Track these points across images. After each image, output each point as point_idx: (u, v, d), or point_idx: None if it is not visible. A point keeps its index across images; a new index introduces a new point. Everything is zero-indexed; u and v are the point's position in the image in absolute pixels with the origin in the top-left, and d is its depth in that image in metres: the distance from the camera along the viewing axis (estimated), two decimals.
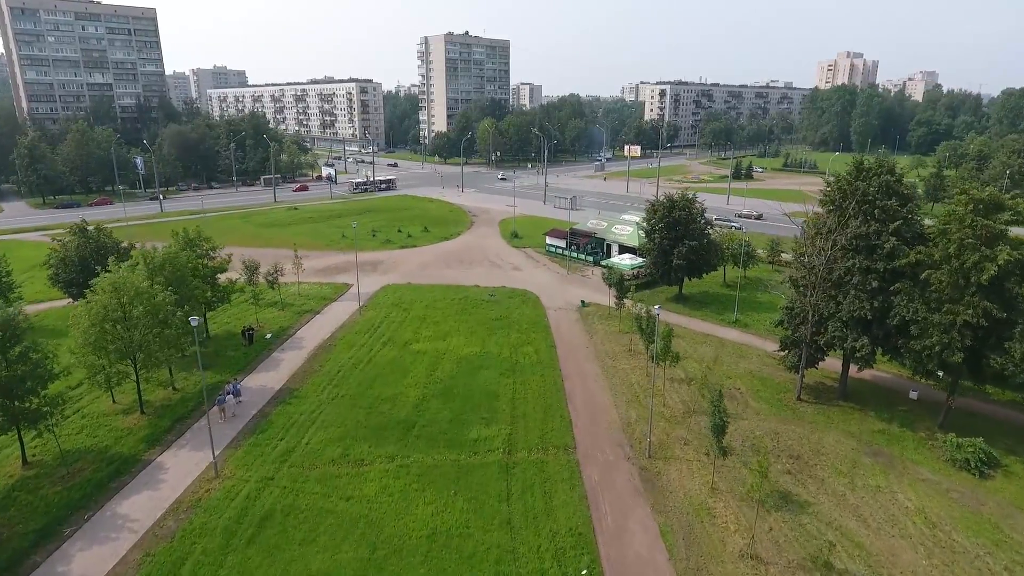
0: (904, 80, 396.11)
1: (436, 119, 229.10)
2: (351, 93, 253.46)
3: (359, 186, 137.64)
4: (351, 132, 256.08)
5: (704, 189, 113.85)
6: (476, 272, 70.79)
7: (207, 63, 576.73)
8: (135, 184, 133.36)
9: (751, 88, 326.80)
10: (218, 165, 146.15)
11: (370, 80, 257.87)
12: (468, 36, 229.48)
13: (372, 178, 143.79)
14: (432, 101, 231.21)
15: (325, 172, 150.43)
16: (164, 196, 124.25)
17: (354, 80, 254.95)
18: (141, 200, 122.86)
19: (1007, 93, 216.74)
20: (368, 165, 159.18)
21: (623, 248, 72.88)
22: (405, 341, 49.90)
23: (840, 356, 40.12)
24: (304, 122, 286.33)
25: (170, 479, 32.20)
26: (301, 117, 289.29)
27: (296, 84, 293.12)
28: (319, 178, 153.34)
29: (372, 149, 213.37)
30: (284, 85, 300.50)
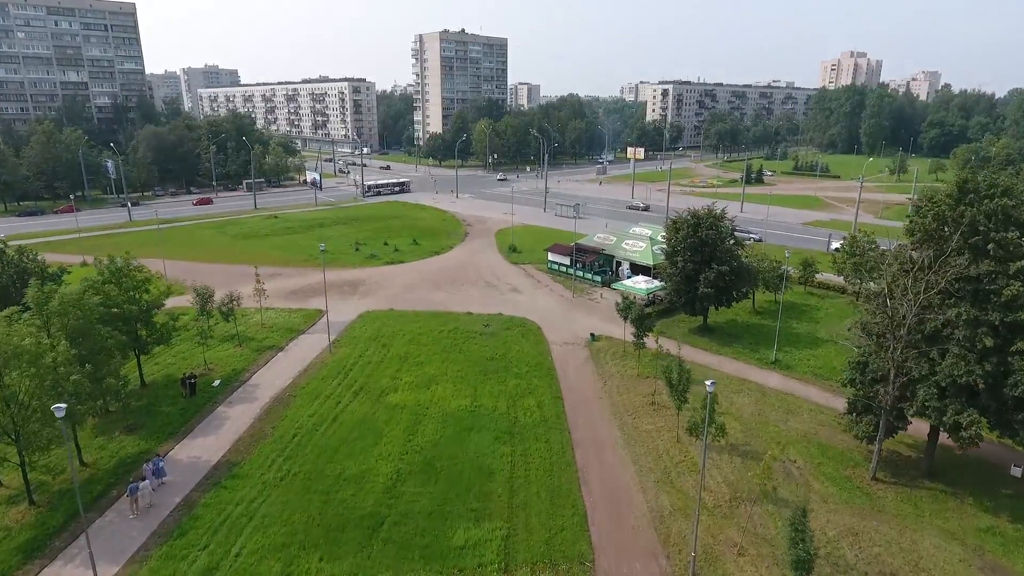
0: (907, 80, 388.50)
1: (431, 120, 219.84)
2: (343, 93, 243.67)
3: (371, 188, 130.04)
4: (343, 133, 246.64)
5: (715, 195, 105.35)
6: (469, 295, 62.21)
7: (199, 62, 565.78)
8: (108, 189, 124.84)
9: (755, 88, 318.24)
10: (198, 169, 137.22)
11: (363, 79, 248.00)
12: (464, 34, 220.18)
13: (377, 181, 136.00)
14: (427, 101, 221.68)
15: (309, 177, 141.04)
16: (136, 202, 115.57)
17: (347, 79, 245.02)
18: (111, 207, 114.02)
19: (1022, 93, 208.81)
20: (358, 168, 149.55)
21: (635, 267, 64.43)
22: (381, 390, 41.31)
23: (926, 420, 31.70)
24: (296, 123, 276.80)
25: None
26: (293, 118, 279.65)
27: (288, 83, 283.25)
28: (305, 182, 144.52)
29: (363, 150, 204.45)
30: (275, 85, 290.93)
